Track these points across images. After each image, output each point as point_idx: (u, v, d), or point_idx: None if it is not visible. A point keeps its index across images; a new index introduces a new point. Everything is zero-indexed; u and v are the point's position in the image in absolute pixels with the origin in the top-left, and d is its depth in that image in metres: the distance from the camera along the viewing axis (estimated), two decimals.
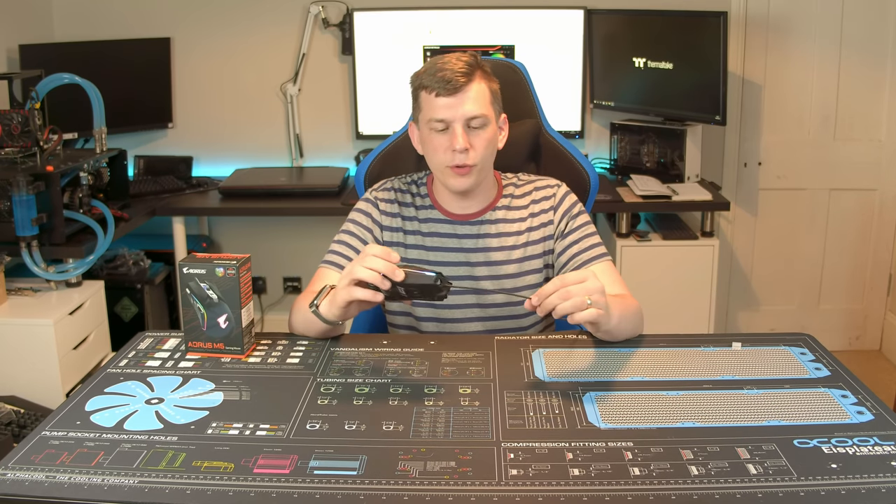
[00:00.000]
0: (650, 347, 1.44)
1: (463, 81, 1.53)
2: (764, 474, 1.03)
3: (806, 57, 3.42)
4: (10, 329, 2.40)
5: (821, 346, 1.45)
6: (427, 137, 1.59)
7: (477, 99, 1.55)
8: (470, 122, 1.55)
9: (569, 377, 1.33)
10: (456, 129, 1.54)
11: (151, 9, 3.46)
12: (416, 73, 1.60)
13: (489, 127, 1.57)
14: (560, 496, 1.00)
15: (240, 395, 1.27)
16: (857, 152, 3.50)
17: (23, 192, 2.37)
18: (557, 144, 1.88)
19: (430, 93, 1.55)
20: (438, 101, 1.54)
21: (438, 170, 1.61)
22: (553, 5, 3.34)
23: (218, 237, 3.72)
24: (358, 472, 1.05)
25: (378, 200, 1.71)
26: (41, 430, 1.16)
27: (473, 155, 1.56)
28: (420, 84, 1.57)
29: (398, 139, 1.89)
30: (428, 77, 1.55)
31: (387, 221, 1.70)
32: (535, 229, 1.68)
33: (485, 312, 1.67)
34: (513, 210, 1.69)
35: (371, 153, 1.90)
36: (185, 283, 1.37)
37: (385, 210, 1.70)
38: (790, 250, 3.62)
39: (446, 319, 1.67)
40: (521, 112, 1.88)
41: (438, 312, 1.67)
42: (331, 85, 3.53)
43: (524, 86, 1.90)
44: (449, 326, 1.67)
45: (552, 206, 1.69)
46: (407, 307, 1.68)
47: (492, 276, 1.67)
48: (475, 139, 1.56)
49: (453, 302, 1.65)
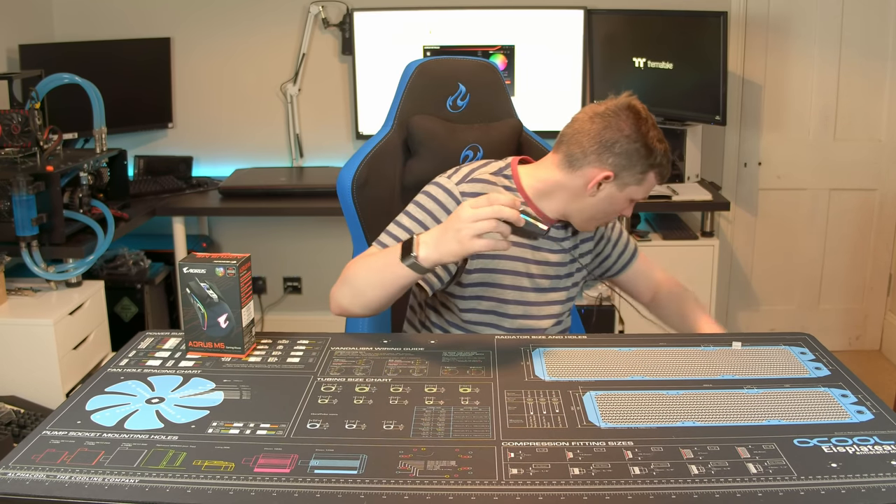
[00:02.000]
0: (650, 347, 1.44)
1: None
2: (764, 473, 1.03)
3: (806, 57, 3.42)
4: (10, 329, 2.40)
5: (821, 346, 1.45)
6: (621, 201, 1.60)
7: None
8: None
9: (569, 377, 1.33)
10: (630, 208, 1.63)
11: (151, 9, 3.46)
12: (652, 144, 1.55)
13: None
14: (560, 495, 1.00)
15: (240, 394, 1.27)
16: (857, 152, 3.50)
17: (23, 192, 2.37)
18: (537, 143, 1.91)
19: (657, 177, 1.58)
20: (652, 186, 1.60)
21: (591, 219, 1.64)
22: (553, 5, 3.34)
23: (218, 237, 3.72)
24: (358, 472, 1.05)
25: (463, 195, 1.58)
26: (41, 430, 1.16)
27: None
28: (656, 168, 1.56)
29: (383, 140, 1.84)
30: (664, 163, 1.57)
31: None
32: (585, 241, 1.74)
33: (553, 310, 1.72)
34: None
35: (355, 157, 1.83)
36: (185, 282, 1.37)
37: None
38: (790, 250, 3.62)
39: (531, 317, 1.69)
40: (501, 112, 1.90)
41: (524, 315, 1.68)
42: (331, 85, 3.54)
43: (500, 85, 1.92)
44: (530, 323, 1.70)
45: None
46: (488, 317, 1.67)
47: (547, 275, 1.68)
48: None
49: (540, 312, 1.68)
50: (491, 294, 1.64)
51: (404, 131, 1.86)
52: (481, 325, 1.67)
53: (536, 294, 1.67)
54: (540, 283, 1.67)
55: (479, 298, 1.64)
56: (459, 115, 1.88)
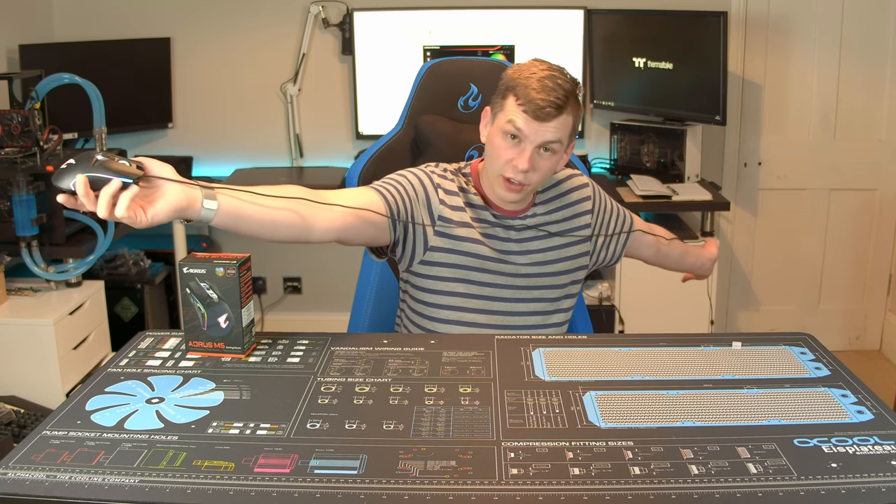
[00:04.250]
0: (650, 347, 1.44)
1: (553, 113, 1.49)
2: (764, 473, 1.03)
3: (806, 57, 3.42)
4: (10, 329, 2.40)
5: (821, 346, 1.45)
6: (495, 138, 1.54)
7: (558, 129, 1.51)
8: (543, 146, 1.52)
9: (569, 377, 1.33)
10: (527, 148, 1.51)
11: (151, 9, 3.46)
12: (514, 71, 1.53)
13: (556, 155, 1.55)
14: (560, 495, 1.00)
15: (240, 394, 1.27)
16: (857, 152, 3.50)
17: (23, 192, 2.37)
18: None
19: (519, 106, 1.50)
20: (522, 118, 1.50)
21: (493, 173, 1.58)
22: (553, 5, 3.34)
23: (218, 237, 3.72)
24: (358, 472, 1.05)
25: (438, 188, 1.61)
26: (41, 430, 1.16)
27: (532, 177, 1.53)
28: (513, 89, 1.51)
29: (392, 139, 1.88)
30: (524, 89, 1.49)
31: (448, 213, 1.60)
32: (576, 228, 1.70)
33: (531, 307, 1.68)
34: (553, 201, 1.69)
35: (365, 153, 1.89)
36: (185, 282, 1.37)
37: (447, 202, 1.61)
38: (790, 250, 3.62)
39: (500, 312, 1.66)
40: None
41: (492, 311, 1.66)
42: (331, 85, 3.54)
43: None
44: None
45: (589, 209, 1.71)
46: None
47: (538, 273, 1.66)
48: (540, 162, 1.53)
49: (514, 310, 1.66)
50: (463, 292, 1.63)
51: (413, 131, 1.87)
52: (451, 322, 1.64)
53: (510, 291, 1.65)
54: (514, 282, 1.65)
55: (449, 295, 1.63)
56: (471, 115, 1.89)
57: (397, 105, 1.99)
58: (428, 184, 1.61)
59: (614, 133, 3.42)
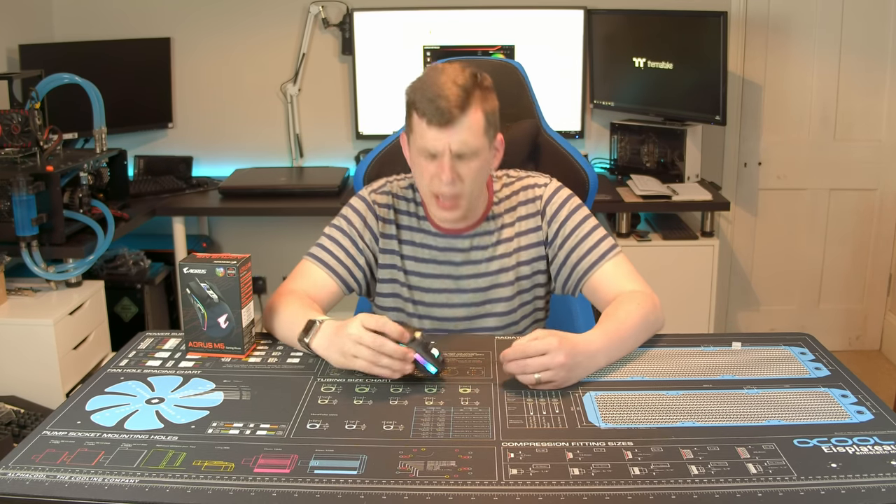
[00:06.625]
0: (650, 347, 1.44)
1: (457, 114, 1.42)
2: (764, 474, 1.04)
3: (806, 57, 3.42)
4: (10, 329, 2.40)
5: (821, 346, 1.45)
6: (416, 159, 1.51)
7: (470, 129, 1.44)
8: (460, 153, 1.45)
9: None
10: (444, 161, 1.45)
11: (151, 9, 3.46)
12: (412, 86, 1.49)
13: (480, 156, 1.48)
14: (560, 496, 1.00)
15: (240, 394, 1.27)
16: (857, 152, 3.50)
17: (23, 192, 2.37)
18: (556, 144, 1.88)
19: (422, 119, 1.44)
20: (429, 131, 1.44)
21: (425, 195, 1.55)
22: (553, 5, 3.34)
23: (218, 237, 3.72)
24: (358, 472, 1.05)
25: (376, 205, 1.64)
26: (41, 430, 1.16)
27: (461, 186, 1.48)
28: (413, 104, 1.47)
29: (396, 140, 1.89)
30: (422, 100, 1.44)
31: (381, 228, 1.63)
32: (523, 234, 1.63)
33: (471, 325, 1.65)
34: (503, 216, 1.63)
35: (370, 154, 1.90)
36: (185, 283, 1.37)
37: (381, 216, 1.63)
38: (790, 250, 3.62)
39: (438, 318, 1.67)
40: (520, 112, 1.88)
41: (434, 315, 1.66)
42: (331, 85, 3.53)
43: (523, 85, 1.90)
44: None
45: (538, 210, 1.62)
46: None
47: (482, 288, 1.63)
48: (464, 169, 1.47)
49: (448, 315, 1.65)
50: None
51: None
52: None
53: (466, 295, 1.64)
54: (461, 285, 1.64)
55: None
56: None
57: (397, 105, 1.98)
58: (367, 214, 1.64)
59: (614, 133, 3.42)
